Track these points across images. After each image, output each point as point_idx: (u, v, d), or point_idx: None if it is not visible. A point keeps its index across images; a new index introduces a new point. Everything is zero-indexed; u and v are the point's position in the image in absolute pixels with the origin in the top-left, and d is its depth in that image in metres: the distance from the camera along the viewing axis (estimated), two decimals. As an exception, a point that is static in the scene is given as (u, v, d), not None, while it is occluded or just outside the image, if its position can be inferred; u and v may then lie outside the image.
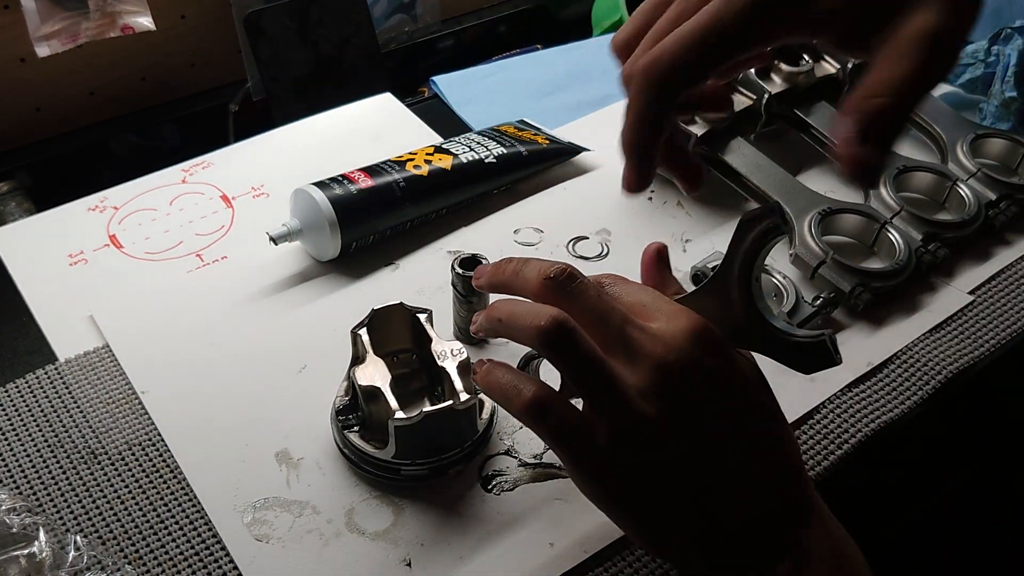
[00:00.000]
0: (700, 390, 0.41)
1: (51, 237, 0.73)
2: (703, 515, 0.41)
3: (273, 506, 0.53)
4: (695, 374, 0.41)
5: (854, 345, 0.62)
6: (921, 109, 0.78)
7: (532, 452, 0.56)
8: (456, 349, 0.54)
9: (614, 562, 0.51)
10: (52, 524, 0.51)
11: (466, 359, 0.53)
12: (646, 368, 0.41)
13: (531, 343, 0.43)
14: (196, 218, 0.75)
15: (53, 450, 0.56)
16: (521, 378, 0.44)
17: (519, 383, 0.43)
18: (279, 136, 0.84)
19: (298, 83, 1.00)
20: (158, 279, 0.69)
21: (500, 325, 0.45)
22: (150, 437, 0.57)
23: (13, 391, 0.60)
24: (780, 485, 0.43)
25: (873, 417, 0.58)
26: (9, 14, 0.88)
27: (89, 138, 0.98)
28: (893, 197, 0.70)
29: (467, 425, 0.54)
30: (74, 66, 0.94)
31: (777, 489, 0.42)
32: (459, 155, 0.73)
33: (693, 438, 0.41)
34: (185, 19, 0.99)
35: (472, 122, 0.87)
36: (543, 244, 0.71)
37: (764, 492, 0.42)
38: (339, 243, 0.66)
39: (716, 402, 0.42)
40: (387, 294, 0.65)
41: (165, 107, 1.03)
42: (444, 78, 0.93)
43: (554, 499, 0.53)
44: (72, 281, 0.69)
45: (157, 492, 0.54)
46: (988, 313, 0.65)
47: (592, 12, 1.19)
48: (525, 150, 0.76)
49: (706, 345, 0.42)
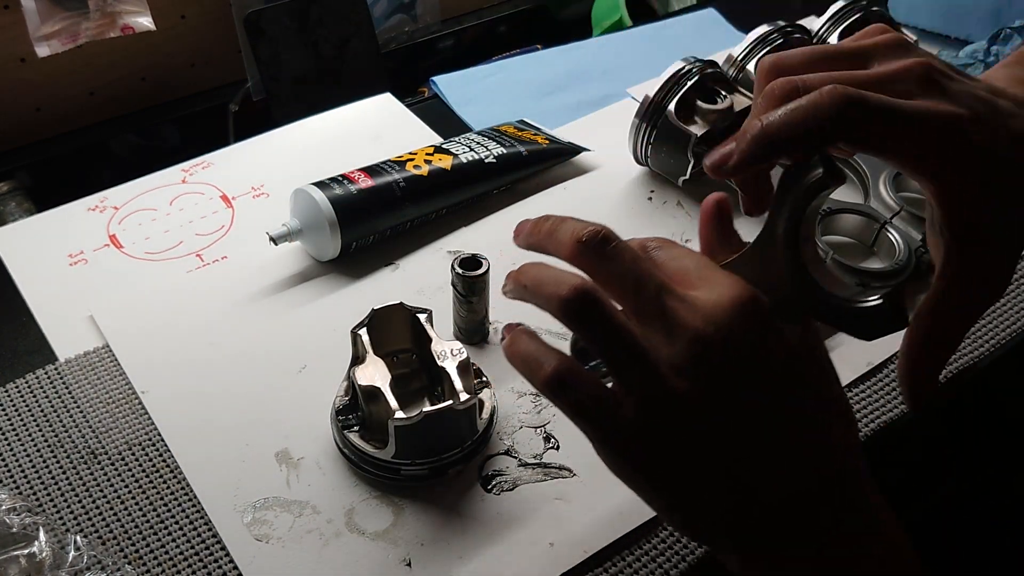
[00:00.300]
0: (739, 364, 0.39)
1: (51, 237, 0.73)
2: (734, 488, 0.39)
3: (273, 506, 0.53)
4: (735, 349, 0.38)
5: (854, 345, 0.62)
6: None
7: (532, 452, 0.56)
8: (456, 349, 0.54)
9: (614, 562, 0.51)
10: (52, 524, 0.51)
11: (466, 359, 0.53)
12: (682, 341, 0.38)
13: (554, 313, 0.40)
14: (196, 218, 0.75)
15: (53, 450, 0.56)
16: (545, 350, 0.41)
17: (542, 355, 0.40)
18: (279, 136, 0.84)
19: (298, 83, 1.00)
20: (158, 279, 0.69)
21: (526, 292, 0.43)
22: (150, 437, 0.57)
23: (13, 391, 0.60)
24: (817, 464, 0.40)
25: (873, 417, 0.58)
26: (9, 14, 0.88)
27: (89, 138, 0.98)
28: (893, 197, 0.70)
29: (467, 425, 0.54)
30: (74, 66, 0.95)
31: (813, 468, 0.40)
32: (459, 155, 0.73)
33: (728, 408, 0.39)
34: (185, 19, 0.99)
35: (472, 122, 0.87)
36: (543, 244, 0.71)
37: (800, 470, 0.40)
38: (339, 243, 0.66)
39: (754, 373, 0.39)
40: (387, 294, 0.65)
41: (165, 107, 1.03)
42: (444, 78, 0.93)
43: (554, 499, 0.53)
44: (72, 281, 0.69)
45: (157, 492, 0.54)
46: (988, 313, 0.65)
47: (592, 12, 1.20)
48: (525, 150, 0.76)
49: (750, 317, 0.39)
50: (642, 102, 0.72)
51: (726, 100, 0.72)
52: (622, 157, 0.76)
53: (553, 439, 0.57)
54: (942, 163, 0.38)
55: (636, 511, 0.52)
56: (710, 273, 0.40)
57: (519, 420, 0.58)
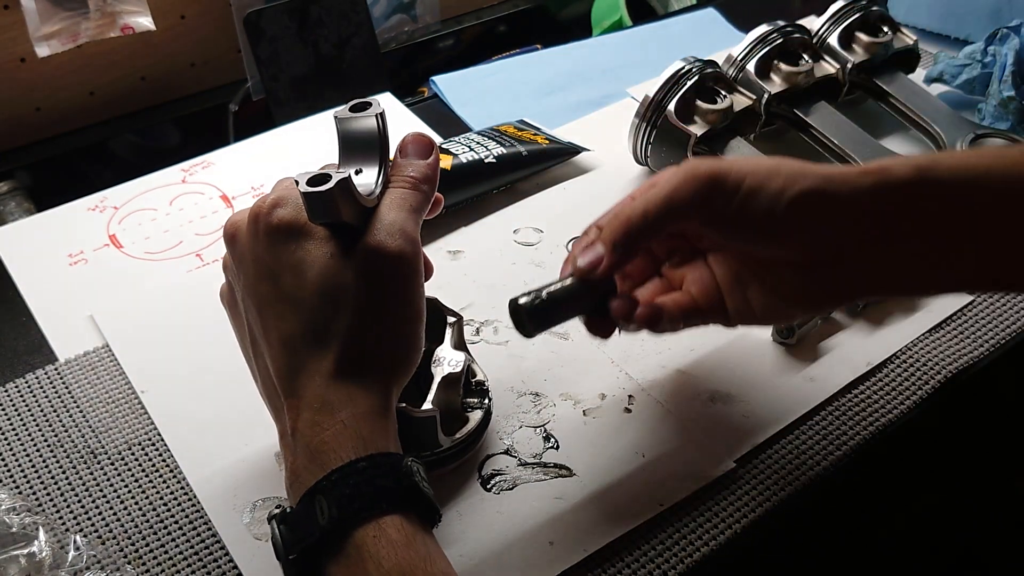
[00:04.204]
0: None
1: (51, 237, 0.73)
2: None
3: (273, 505, 0.53)
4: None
5: (854, 345, 0.62)
6: (920, 109, 0.78)
7: (532, 452, 0.56)
8: (455, 361, 0.53)
9: (613, 562, 0.51)
10: (52, 524, 0.51)
11: (457, 374, 0.53)
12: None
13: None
14: (196, 218, 0.75)
15: (53, 450, 0.56)
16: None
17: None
18: (279, 136, 0.84)
19: (298, 83, 1.00)
20: (158, 279, 0.69)
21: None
22: (150, 437, 0.57)
23: (13, 391, 0.60)
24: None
25: (873, 418, 0.58)
26: (9, 14, 0.88)
27: (89, 138, 0.98)
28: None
29: (426, 436, 0.52)
30: (74, 66, 0.95)
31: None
32: (459, 155, 0.73)
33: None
34: (185, 19, 0.99)
35: (472, 122, 0.87)
36: (543, 244, 0.71)
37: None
38: (339, 243, 0.66)
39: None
40: (387, 294, 0.65)
41: (165, 107, 1.03)
42: (444, 78, 0.93)
43: (554, 499, 0.53)
44: (72, 281, 0.69)
45: (157, 492, 0.54)
46: (987, 313, 0.65)
47: (592, 12, 1.19)
48: (525, 150, 0.76)
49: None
50: (642, 102, 0.72)
51: (726, 100, 0.72)
52: (622, 157, 0.76)
53: (553, 439, 0.57)
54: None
55: (636, 511, 0.52)
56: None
57: (519, 420, 0.58)
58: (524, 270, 0.68)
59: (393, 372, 0.46)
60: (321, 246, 0.45)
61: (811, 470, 0.55)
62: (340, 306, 0.45)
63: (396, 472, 0.43)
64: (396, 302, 0.46)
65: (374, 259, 0.45)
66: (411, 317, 0.47)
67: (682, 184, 0.46)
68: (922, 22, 0.95)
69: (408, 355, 0.47)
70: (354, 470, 0.42)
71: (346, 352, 0.44)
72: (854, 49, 0.79)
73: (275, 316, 0.45)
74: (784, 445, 0.56)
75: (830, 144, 0.75)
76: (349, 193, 0.44)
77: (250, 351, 0.49)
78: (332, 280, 0.44)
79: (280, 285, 0.45)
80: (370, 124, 0.48)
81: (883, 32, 0.80)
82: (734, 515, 0.53)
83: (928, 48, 0.90)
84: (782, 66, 0.76)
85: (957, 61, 0.83)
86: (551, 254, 0.70)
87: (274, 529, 0.43)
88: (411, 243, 0.46)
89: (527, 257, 0.70)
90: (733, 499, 0.53)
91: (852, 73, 0.78)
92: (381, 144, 0.48)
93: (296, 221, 0.45)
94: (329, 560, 0.41)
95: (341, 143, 0.49)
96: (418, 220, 0.48)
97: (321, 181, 0.43)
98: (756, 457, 0.55)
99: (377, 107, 0.48)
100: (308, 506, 0.42)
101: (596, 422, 0.57)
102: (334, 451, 0.42)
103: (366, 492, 0.41)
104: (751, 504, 0.53)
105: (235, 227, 0.48)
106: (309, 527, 0.42)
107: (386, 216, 0.46)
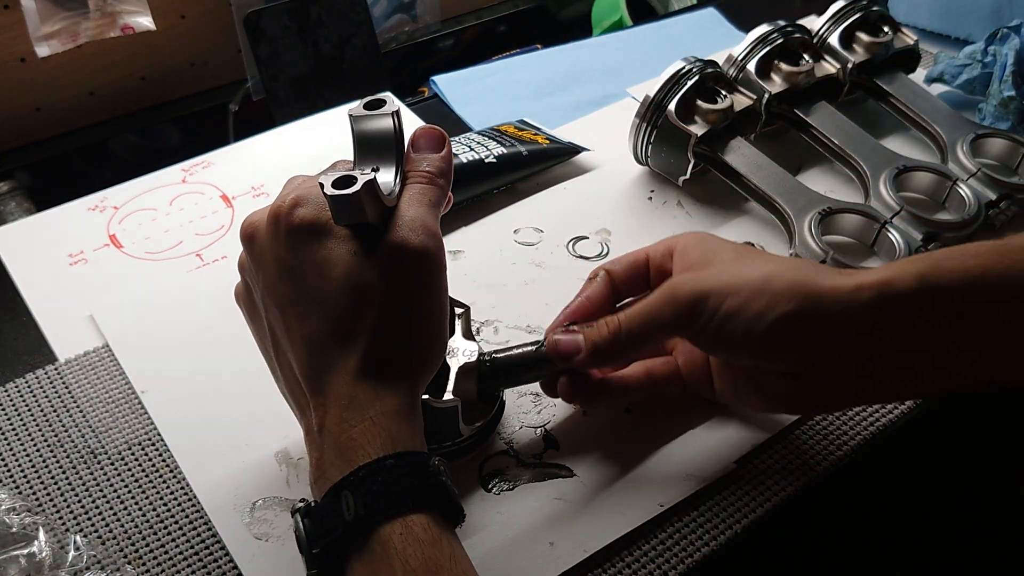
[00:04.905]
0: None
1: (51, 237, 0.73)
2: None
3: (273, 505, 0.53)
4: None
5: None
6: (921, 109, 0.78)
7: (532, 452, 0.56)
8: (469, 351, 0.53)
9: (613, 562, 0.51)
10: (52, 524, 0.51)
11: (472, 364, 0.53)
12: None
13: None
14: (196, 218, 0.75)
15: (53, 450, 0.56)
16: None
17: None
18: (279, 136, 0.84)
19: (298, 83, 1.00)
20: (158, 279, 0.69)
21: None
22: (150, 437, 0.57)
23: (13, 391, 0.60)
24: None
25: (873, 418, 0.58)
26: (9, 14, 0.88)
27: (89, 138, 0.98)
28: (893, 197, 0.70)
29: (446, 426, 0.53)
30: (74, 66, 0.95)
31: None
32: (459, 155, 0.73)
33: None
34: (185, 19, 0.99)
35: (472, 122, 0.87)
36: (543, 244, 0.71)
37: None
38: (339, 243, 0.66)
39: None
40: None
41: (165, 107, 1.03)
42: (444, 78, 0.93)
43: (554, 499, 0.53)
44: (72, 281, 0.69)
45: (157, 492, 0.54)
46: (988, 313, 0.65)
47: (592, 12, 1.20)
48: (525, 150, 0.76)
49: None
50: (642, 102, 0.72)
51: (726, 100, 0.72)
52: (622, 157, 0.76)
53: (553, 439, 0.57)
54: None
55: (636, 511, 0.52)
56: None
57: (519, 420, 0.58)
58: (524, 270, 0.68)
59: (419, 369, 0.46)
60: (344, 245, 0.45)
61: (811, 470, 0.55)
62: (365, 304, 0.44)
63: (424, 471, 0.43)
64: (421, 298, 0.46)
65: (398, 256, 0.45)
66: (436, 312, 0.46)
67: (664, 306, 0.48)
68: (922, 22, 0.95)
69: (433, 351, 0.47)
70: (382, 467, 0.42)
71: (372, 350, 0.44)
72: (854, 49, 0.79)
73: (298, 316, 0.45)
74: (784, 445, 0.56)
75: (830, 144, 0.75)
76: (374, 194, 0.44)
77: (271, 351, 0.49)
78: (356, 279, 0.44)
79: (303, 285, 0.45)
80: (386, 123, 0.48)
81: (883, 32, 0.80)
82: (734, 515, 0.53)
83: (928, 48, 0.90)
84: (782, 66, 0.76)
85: (957, 61, 0.83)
86: (551, 254, 0.70)
87: (298, 522, 0.43)
88: (433, 238, 0.46)
89: (527, 257, 0.70)
90: (733, 499, 0.53)
91: (852, 73, 0.78)
92: (398, 142, 0.48)
93: (317, 220, 0.45)
94: (352, 555, 0.41)
95: (357, 141, 0.48)
96: (437, 215, 0.47)
97: (346, 183, 0.43)
98: (756, 457, 0.55)
99: (392, 104, 0.48)
100: (334, 501, 0.42)
101: (596, 422, 0.57)
102: (362, 447, 0.42)
103: (394, 490, 0.41)
104: (751, 504, 0.53)
105: (253, 227, 0.48)
106: (334, 522, 0.41)
107: (406, 212, 0.46)
